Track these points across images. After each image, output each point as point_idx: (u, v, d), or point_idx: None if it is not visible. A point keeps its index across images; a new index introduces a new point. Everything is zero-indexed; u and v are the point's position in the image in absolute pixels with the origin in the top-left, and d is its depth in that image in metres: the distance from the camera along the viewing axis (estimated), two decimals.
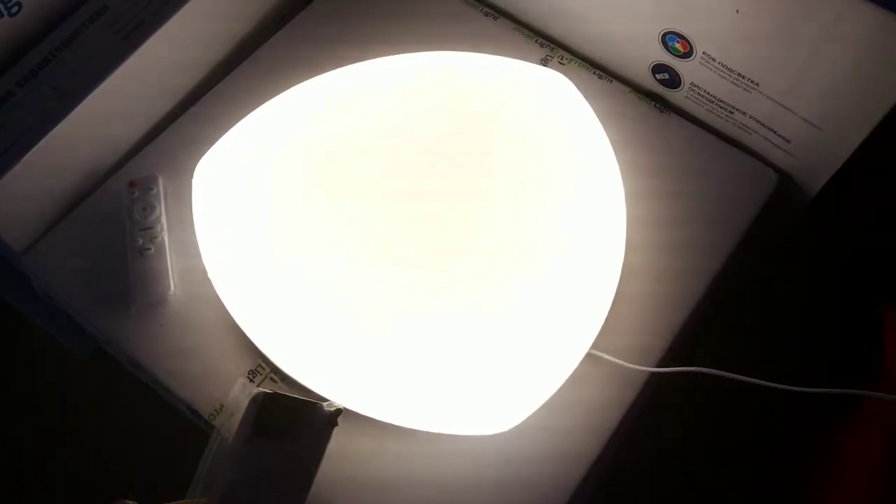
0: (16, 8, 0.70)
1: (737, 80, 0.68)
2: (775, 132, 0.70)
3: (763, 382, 0.60)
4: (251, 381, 0.63)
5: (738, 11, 0.63)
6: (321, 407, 0.56)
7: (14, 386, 0.94)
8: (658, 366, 0.63)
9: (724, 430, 0.78)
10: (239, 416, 0.57)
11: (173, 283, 0.66)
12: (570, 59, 0.78)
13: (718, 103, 0.72)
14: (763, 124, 0.70)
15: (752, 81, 0.68)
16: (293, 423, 0.55)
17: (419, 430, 0.59)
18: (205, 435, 0.60)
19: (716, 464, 0.77)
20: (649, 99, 0.76)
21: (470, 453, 0.60)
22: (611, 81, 0.77)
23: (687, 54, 0.70)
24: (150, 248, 0.67)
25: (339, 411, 0.56)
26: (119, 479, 0.88)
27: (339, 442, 0.59)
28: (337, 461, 0.59)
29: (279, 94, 0.72)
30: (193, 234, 0.67)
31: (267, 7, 0.82)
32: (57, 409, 0.93)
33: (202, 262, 0.65)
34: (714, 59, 0.68)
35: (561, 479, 0.59)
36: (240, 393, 0.59)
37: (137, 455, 0.88)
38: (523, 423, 0.58)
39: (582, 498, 0.60)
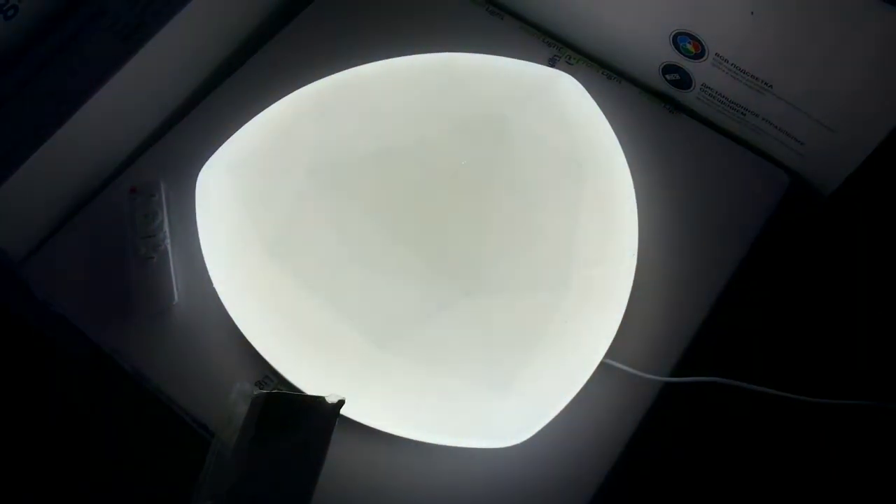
0: (12, 11, 0.68)
1: (750, 81, 0.67)
2: (788, 134, 0.69)
3: (777, 392, 0.60)
4: (257, 388, 0.62)
5: (752, 13, 0.62)
6: (323, 399, 0.57)
7: (13, 389, 0.93)
8: (671, 374, 0.62)
9: (737, 439, 0.77)
10: (237, 422, 0.57)
11: (177, 293, 0.65)
12: (578, 59, 0.77)
13: (730, 105, 0.71)
14: (776, 126, 0.69)
15: (765, 83, 0.67)
16: (296, 417, 0.56)
17: (430, 444, 0.58)
18: (207, 440, 0.59)
19: (729, 474, 0.77)
20: (659, 100, 0.75)
21: (482, 467, 0.59)
22: (620, 82, 0.76)
23: (699, 55, 0.69)
24: (152, 257, 0.66)
25: (341, 402, 0.57)
26: (119, 482, 0.87)
27: (346, 454, 0.59)
28: (345, 474, 0.59)
29: (283, 96, 0.71)
30: (197, 241, 0.66)
31: (269, 6, 0.81)
32: (56, 412, 0.92)
33: (206, 271, 0.64)
34: (727, 61, 0.67)
35: (575, 492, 0.58)
36: (237, 397, 0.59)
37: (138, 459, 0.88)
38: (536, 434, 0.58)
39: None
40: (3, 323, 0.89)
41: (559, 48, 0.77)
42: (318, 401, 0.57)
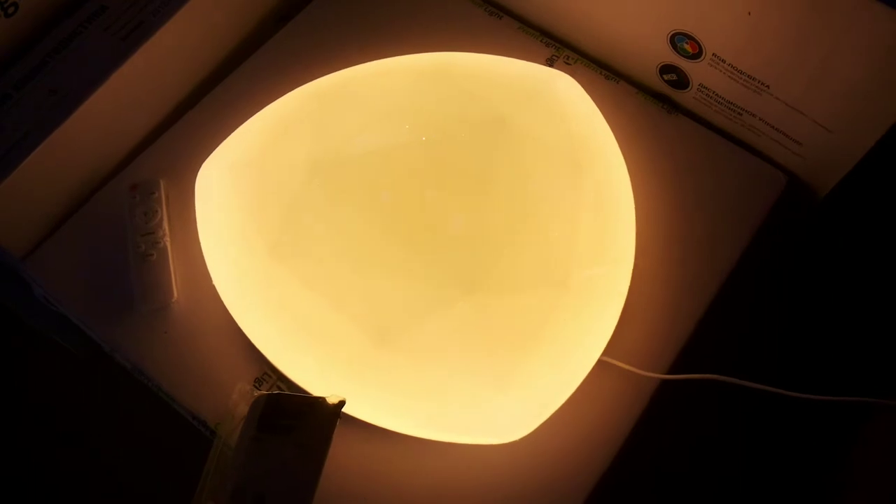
0: (12, 9, 0.68)
1: (747, 82, 0.68)
2: (785, 134, 0.69)
3: (775, 389, 0.60)
4: (257, 388, 0.62)
5: (749, 13, 0.62)
6: (323, 400, 0.57)
7: (14, 388, 0.93)
8: (669, 371, 0.62)
9: (734, 437, 0.78)
10: (239, 423, 0.57)
11: (176, 290, 0.65)
12: (577, 59, 0.77)
13: (727, 105, 0.71)
14: (773, 126, 0.70)
15: (762, 84, 0.67)
16: (297, 418, 0.56)
17: (429, 440, 0.59)
18: (207, 440, 0.59)
19: (726, 471, 0.77)
20: (657, 100, 0.75)
21: (480, 464, 0.59)
22: (617, 82, 0.76)
23: (696, 55, 0.69)
24: (152, 254, 0.66)
25: (341, 402, 0.57)
26: (120, 481, 0.87)
27: (346, 451, 0.59)
28: (344, 471, 0.59)
29: (282, 95, 0.71)
30: (197, 239, 0.66)
31: (268, 5, 0.81)
32: (57, 411, 0.92)
33: (206, 268, 0.64)
34: (724, 61, 0.68)
35: (573, 488, 0.59)
36: (238, 399, 0.59)
37: (138, 458, 0.88)
38: (534, 431, 0.58)
39: None
40: (2, 322, 0.89)
41: (557, 48, 0.78)
42: (319, 401, 0.57)
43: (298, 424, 0.56)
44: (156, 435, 0.85)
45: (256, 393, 0.59)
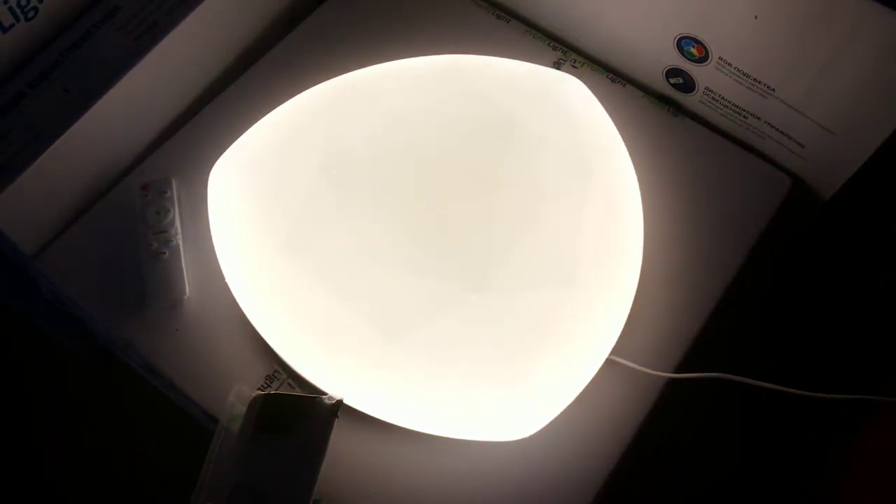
0: (32, 12, 0.69)
1: (752, 85, 0.69)
2: (790, 137, 0.70)
3: (781, 388, 0.61)
4: (268, 384, 0.63)
5: (756, 17, 0.63)
6: (321, 400, 0.57)
7: (17, 389, 0.93)
8: (676, 370, 0.63)
9: (741, 435, 0.78)
10: (237, 423, 0.58)
11: (188, 287, 0.66)
12: (583, 63, 0.78)
13: (733, 108, 0.72)
14: (778, 129, 0.71)
15: (768, 87, 0.68)
16: (295, 418, 0.57)
17: (438, 437, 0.59)
18: (207, 440, 0.59)
19: (732, 469, 0.77)
20: (663, 103, 0.76)
21: (489, 460, 0.60)
22: (624, 85, 0.77)
23: (702, 59, 0.70)
24: (164, 252, 0.67)
25: (339, 402, 0.57)
26: (120, 481, 0.88)
27: (354, 447, 0.59)
28: (352, 466, 0.59)
29: (293, 95, 0.72)
30: (209, 237, 0.66)
31: (279, 7, 0.82)
32: (60, 411, 0.92)
33: (218, 266, 0.65)
34: (730, 65, 0.69)
35: (581, 486, 0.59)
36: (235, 401, 0.59)
37: (138, 458, 0.88)
38: (542, 429, 0.59)
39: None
40: (12, 325, 0.89)
41: (564, 52, 0.79)
42: (317, 401, 0.57)
43: (296, 424, 0.56)
44: (156, 436, 0.85)
45: (253, 393, 0.60)
